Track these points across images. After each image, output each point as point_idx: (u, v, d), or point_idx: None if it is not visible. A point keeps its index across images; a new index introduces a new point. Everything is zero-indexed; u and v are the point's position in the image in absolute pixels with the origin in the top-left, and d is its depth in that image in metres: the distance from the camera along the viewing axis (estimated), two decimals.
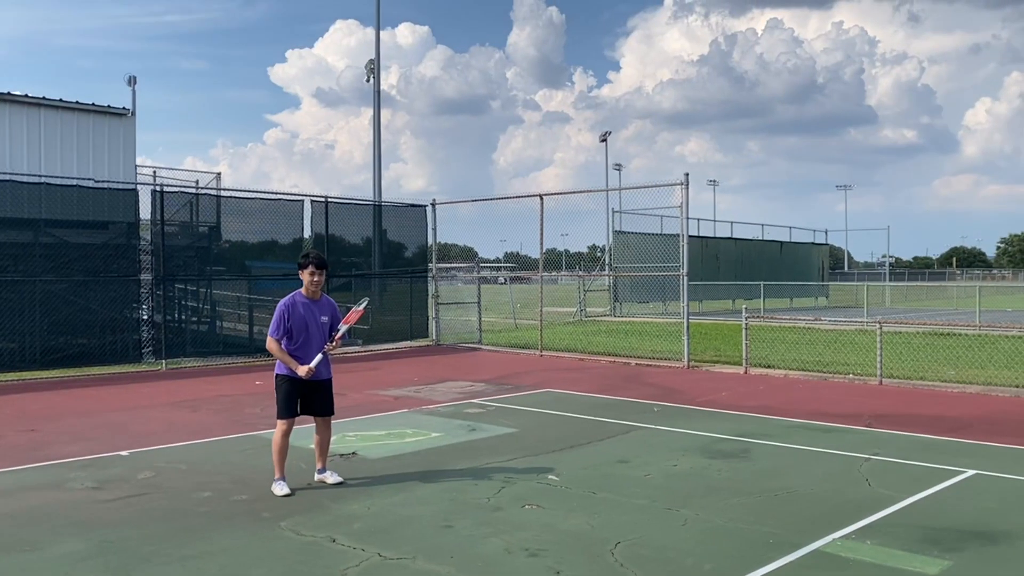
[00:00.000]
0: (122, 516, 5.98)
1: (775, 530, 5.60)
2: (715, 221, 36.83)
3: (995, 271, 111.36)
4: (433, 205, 19.13)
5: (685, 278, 15.07)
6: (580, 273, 27.87)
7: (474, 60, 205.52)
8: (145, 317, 15.41)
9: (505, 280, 35.37)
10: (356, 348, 17.83)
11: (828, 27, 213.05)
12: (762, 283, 28.32)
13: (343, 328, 6.81)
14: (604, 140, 73.27)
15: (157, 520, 5.88)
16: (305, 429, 8.93)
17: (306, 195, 16.76)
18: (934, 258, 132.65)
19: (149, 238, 15.14)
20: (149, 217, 15.03)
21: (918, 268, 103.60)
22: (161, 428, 9.33)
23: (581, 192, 17.88)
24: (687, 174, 14.67)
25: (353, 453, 8.00)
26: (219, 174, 19.18)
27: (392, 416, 10.03)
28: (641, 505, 6.21)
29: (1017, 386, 12.18)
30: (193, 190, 17.27)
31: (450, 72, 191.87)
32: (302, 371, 6.61)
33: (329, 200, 17.17)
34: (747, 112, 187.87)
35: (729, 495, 6.47)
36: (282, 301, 6.76)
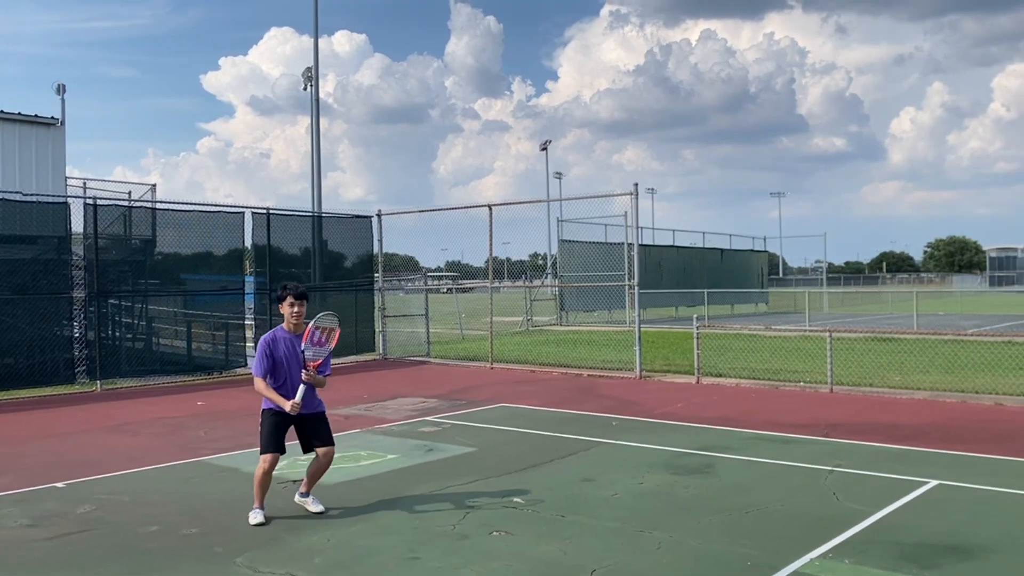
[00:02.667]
0: (61, 557, 5.57)
1: (751, 551, 5.47)
2: (655, 229, 37.14)
3: (923, 275, 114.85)
4: (379, 216, 18.77)
5: (636, 288, 14.99)
6: (527, 283, 27.75)
7: (412, 69, 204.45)
8: (77, 335, 14.73)
9: (451, 289, 35.12)
10: None
11: (760, 38, 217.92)
12: (706, 290, 28.60)
13: (319, 350, 6.36)
14: (544, 149, 73.62)
15: (100, 560, 5.49)
16: (252, 453, 8.55)
17: (247, 207, 16.27)
18: (865, 263, 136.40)
19: (82, 252, 14.48)
20: (80, 231, 14.39)
21: (850, 273, 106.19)
22: (99, 455, 8.84)
23: (530, 202, 17.75)
24: (636, 184, 14.63)
25: None
26: (154, 186, 18.53)
27: (344, 437, 9.68)
28: (612, 528, 6.03)
29: (962, 391, 12.39)
30: (128, 203, 16.61)
31: (388, 81, 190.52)
32: (288, 407, 6.24)
33: (271, 212, 16.69)
34: (682, 121, 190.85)
35: (700, 514, 6.34)
36: (263, 338, 6.47)
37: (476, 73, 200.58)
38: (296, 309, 6.39)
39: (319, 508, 6.55)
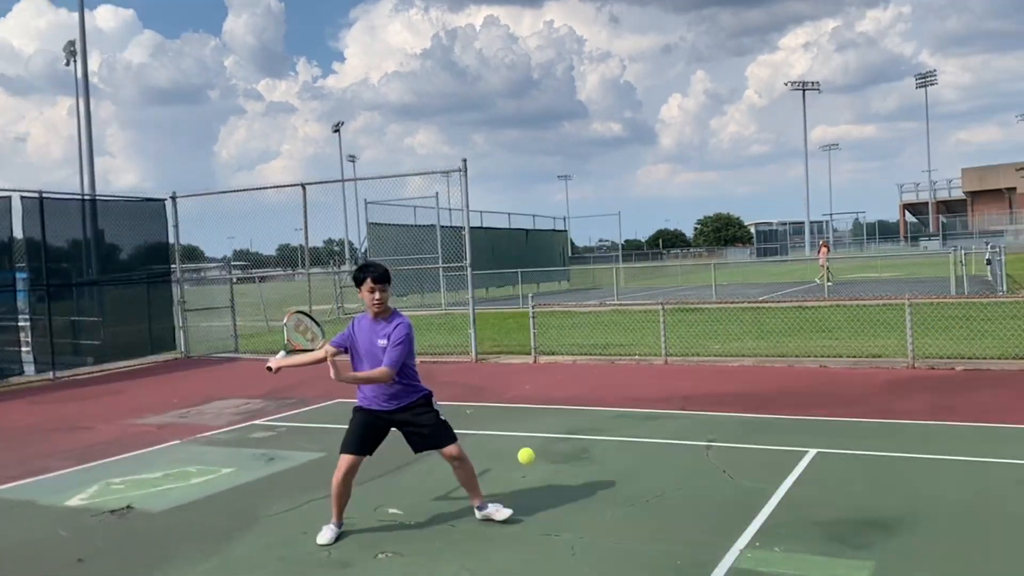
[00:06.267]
0: None
1: (673, 547, 4.98)
2: (454, 210, 36.65)
3: (694, 250, 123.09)
4: (173, 199, 16.84)
5: (470, 269, 14.35)
6: (336, 269, 26.38)
7: (187, 47, 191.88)
8: None
9: (240, 279, 32.80)
10: (87, 369, 15.26)
11: (540, 25, 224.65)
12: (519, 271, 28.56)
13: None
14: (337, 131, 71.43)
15: None
16: (51, 480, 7.07)
17: (15, 190, 13.95)
18: (643, 240, 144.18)
19: None
20: None
21: (631, 250, 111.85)
22: None
23: (348, 180, 16.64)
24: (465, 160, 13.94)
25: (127, 507, 6.36)
26: None
27: (163, 451, 8.33)
28: (513, 534, 5.34)
29: (783, 355, 12.80)
30: None
31: (160, 59, 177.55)
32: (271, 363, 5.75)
33: (44, 196, 14.44)
34: (471, 106, 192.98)
35: (600, 508, 5.79)
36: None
37: (257, 52, 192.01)
38: (378, 295, 5.36)
39: (505, 514, 5.50)
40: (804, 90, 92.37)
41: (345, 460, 5.40)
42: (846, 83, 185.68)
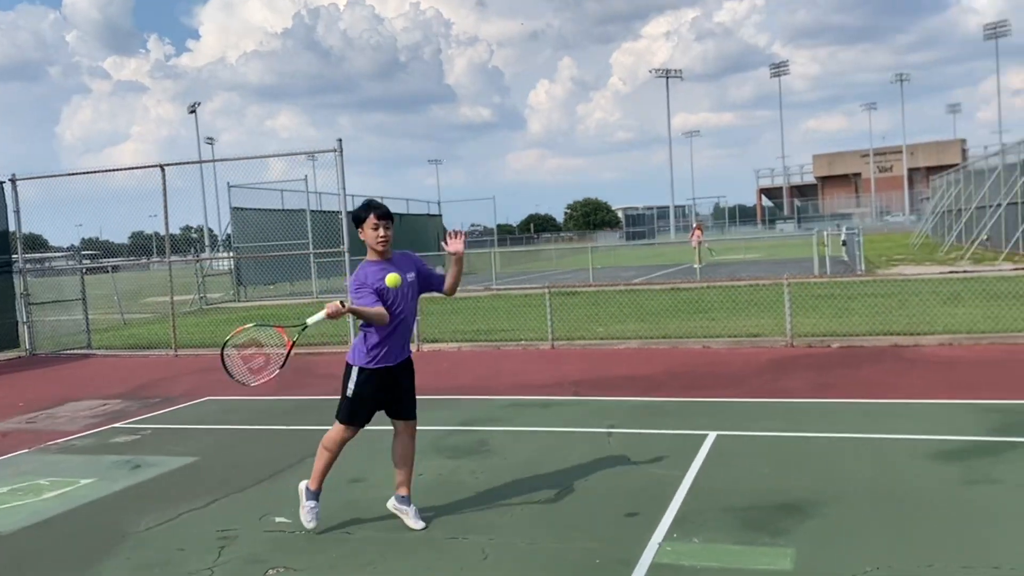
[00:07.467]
0: None
1: (589, 544, 4.71)
2: (324, 194, 35.51)
3: (564, 234, 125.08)
4: (13, 182, 15.31)
5: (347, 254, 13.69)
6: (197, 257, 24.95)
7: (23, 19, 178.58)
8: None
9: (89, 270, 30.57)
10: None
11: (407, 7, 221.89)
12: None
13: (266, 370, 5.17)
14: (193, 111, 68.15)
15: None
16: None
17: None
18: (515, 225, 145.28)
19: None
20: None
21: (504, 235, 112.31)
22: None
23: (210, 161, 15.58)
24: (340, 140, 13.28)
25: None
26: None
27: (8, 462, 7.42)
28: (417, 539, 4.94)
29: (666, 337, 12.87)
30: None
31: None
32: (330, 308, 4.76)
33: None
34: (336, 88, 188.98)
35: (507, 505, 5.47)
36: (354, 274, 5.06)
37: (103, 28, 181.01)
38: (382, 232, 4.98)
39: (418, 525, 5.01)
40: (667, 78, 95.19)
41: (349, 431, 5.11)
42: (705, 72, 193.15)
